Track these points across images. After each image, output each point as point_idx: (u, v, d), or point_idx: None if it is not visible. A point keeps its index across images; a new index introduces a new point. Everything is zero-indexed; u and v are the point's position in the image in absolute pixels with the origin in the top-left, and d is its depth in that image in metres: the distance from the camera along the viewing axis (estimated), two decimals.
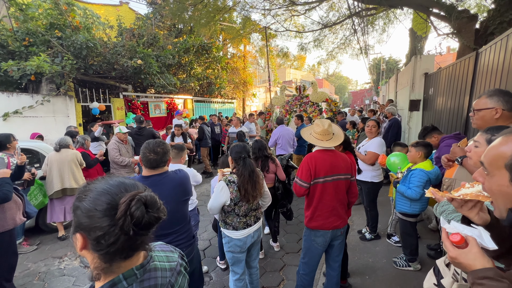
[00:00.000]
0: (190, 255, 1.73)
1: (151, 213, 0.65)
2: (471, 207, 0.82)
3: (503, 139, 0.68)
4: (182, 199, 1.70)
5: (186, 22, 9.42)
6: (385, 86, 14.93)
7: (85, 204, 0.63)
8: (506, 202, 0.67)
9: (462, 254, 0.69)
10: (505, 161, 0.65)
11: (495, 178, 0.68)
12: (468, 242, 0.70)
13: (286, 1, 7.49)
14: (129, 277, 0.67)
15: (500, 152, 0.67)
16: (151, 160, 1.59)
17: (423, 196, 2.50)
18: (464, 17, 4.62)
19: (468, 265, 0.68)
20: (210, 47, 10.64)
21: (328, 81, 47.61)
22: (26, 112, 5.64)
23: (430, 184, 2.50)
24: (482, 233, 0.71)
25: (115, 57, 7.17)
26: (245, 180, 1.93)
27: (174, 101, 9.69)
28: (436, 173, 2.51)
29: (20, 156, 2.57)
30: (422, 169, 2.50)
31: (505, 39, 2.47)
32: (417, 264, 2.73)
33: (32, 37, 6.10)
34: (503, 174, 0.66)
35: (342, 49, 10.02)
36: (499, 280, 0.62)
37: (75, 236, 0.64)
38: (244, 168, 1.97)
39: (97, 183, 0.68)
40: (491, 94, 1.56)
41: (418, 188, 2.47)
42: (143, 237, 0.67)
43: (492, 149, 0.70)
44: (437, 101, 4.64)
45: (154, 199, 0.67)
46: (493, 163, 0.68)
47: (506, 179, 0.65)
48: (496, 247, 0.69)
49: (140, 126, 5.26)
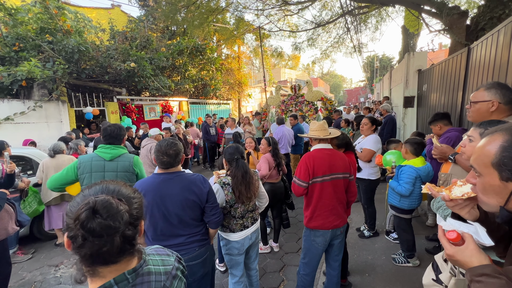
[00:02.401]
0: (203, 256, 1.69)
1: (98, 219, 0.60)
2: (463, 206, 0.83)
3: (487, 139, 0.70)
4: (190, 200, 1.62)
5: (179, 24, 9.37)
6: (379, 83, 15.05)
7: (69, 204, 0.66)
8: (499, 200, 0.68)
9: (459, 251, 0.69)
10: (491, 159, 0.67)
11: (486, 178, 0.69)
12: (464, 239, 0.70)
13: (279, 1, 7.50)
14: (120, 282, 0.67)
15: (485, 152, 0.69)
16: (165, 162, 1.63)
17: (413, 193, 2.54)
18: (455, 13, 4.67)
19: (465, 262, 0.68)
20: (204, 49, 10.60)
21: (323, 80, 47.84)
22: (18, 118, 5.55)
23: (420, 181, 2.54)
24: (478, 229, 0.71)
25: (108, 61, 7.09)
26: (239, 182, 1.92)
27: (169, 104, 9.63)
28: (426, 170, 2.53)
29: (9, 164, 2.52)
30: (412, 166, 2.53)
31: (496, 34, 2.49)
32: (416, 260, 2.74)
33: (22, 42, 6.01)
34: (492, 173, 0.67)
35: (336, 47, 10.08)
36: (497, 277, 0.62)
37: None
38: (237, 169, 1.95)
39: (90, 186, 0.71)
40: (489, 87, 1.55)
41: (407, 184, 2.51)
42: (115, 243, 0.62)
43: (478, 150, 0.72)
44: (431, 97, 4.68)
45: (106, 204, 0.62)
46: (481, 164, 0.70)
47: (496, 178, 0.67)
48: (492, 243, 0.69)
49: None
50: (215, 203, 1.72)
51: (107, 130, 2.24)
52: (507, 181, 0.65)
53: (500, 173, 0.66)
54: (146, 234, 1.64)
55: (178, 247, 1.61)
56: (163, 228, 1.59)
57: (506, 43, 2.30)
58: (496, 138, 0.67)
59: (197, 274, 1.67)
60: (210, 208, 1.69)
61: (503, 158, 0.64)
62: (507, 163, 0.64)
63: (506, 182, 0.65)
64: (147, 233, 1.63)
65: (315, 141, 2.14)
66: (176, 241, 1.61)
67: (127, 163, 2.24)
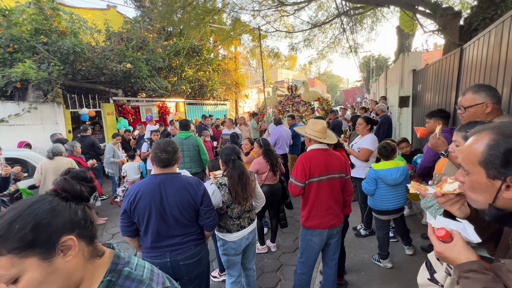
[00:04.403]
0: (199, 255, 1.71)
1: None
2: (453, 202, 0.84)
3: (474, 139, 0.71)
4: (186, 201, 1.63)
5: (176, 25, 9.33)
6: (375, 83, 15.16)
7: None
8: (487, 198, 0.69)
9: (447, 248, 0.71)
10: (478, 158, 0.68)
11: (474, 176, 0.71)
12: (453, 236, 0.72)
13: (275, 1, 7.52)
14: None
15: (473, 150, 0.70)
16: (163, 160, 1.65)
17: (376, 194, 2.73)
18: (448, 14, 4.73)
19: (453, 258, 0.70)
20: (201, 49, 10.59)
21: (319, 80, 48.02)
22: (12, 120, 5.49)
23: (382, 183, 2.68)
24: (466, 226, 0.73)
25: (104, 62, 7.05)
26: (235, 182, 1.94)
27: (165, 105, 9.60)
28: (384, 173, 2.64)
29: (5, 168, 2.50)
30: (372, 167, 2.72)
31: (487, 35, 2.54)
32: (387, 263, 2.78)
33: (16, 43, 5.95)
34: (480, 171, 0.69)
35: (332, 48, 10.12)
36: (484, 273, 0.64)
37: None
38: (234, 170, 1.97)
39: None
40: (477, 90, 1.58)
41: (366, 184, 2.78)
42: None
43: (465, 149, 0.73)
44: (426, 97, 4.73)
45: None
46: (468, 162, 0.72)
47: (483, 176, 0.68)
48: (480, 240, 0.71)
49: (83, 135, 5.50)
50: (209, 206, 1.73)
51: (182, 122, 4.12)
52: (494, 179, 0.66)
53: (487, 171, 0.67)
54: (143, 235, 1.64)
55: (174, 247, 1.62)
56: (160, 228, 1.60)
57: (497, 44, 2.34)
58: (483, 137, 0.69)
59: (193, 273, 1.68)
60: (205, 211, 1.70)
61: (489, 156, 0.66)
62: (494, 161, 0.65)
63: (493, 180, 0.67)
64: (144, 234, 1.64)
65: (311, 141, 2.16)
66: (172, 241, 1.63)
67: (194, 141, 3.94)
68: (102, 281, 0.66)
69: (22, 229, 0.55)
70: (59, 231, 0.60)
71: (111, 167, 5.21)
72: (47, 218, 0.59)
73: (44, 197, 0.64)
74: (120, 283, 0.67)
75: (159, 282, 0.74)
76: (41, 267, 0.57)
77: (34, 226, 0.57)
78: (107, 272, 0.67)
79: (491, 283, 0.62)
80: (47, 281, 0.58)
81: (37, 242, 0.56)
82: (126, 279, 0.68)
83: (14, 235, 0.55)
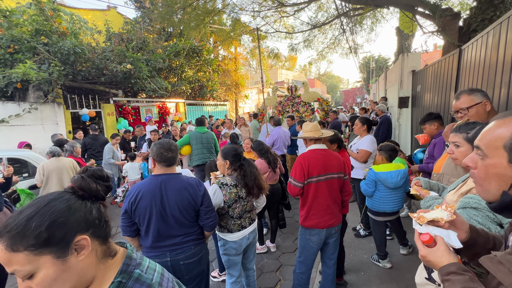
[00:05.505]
0: (199, 254, 1.72)
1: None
2: None
3: (499, 122, 0.70)
4: (186, 202, 1.64)
5: (176, 26, 9.35)
6: (375, 84, 15.18)
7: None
8: (501, 184, 0.69)
9: (431, 252, 0.74)
10: (503, 142, 0.67)
11: (492, 160, 0.70)
12: (436, 241, 0.74)
13: (275, 2, 7.54)
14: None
15: (498, 134, 0.69)
16: (169, 158, 1.67)
17: (375, 195, 2.73)
18: (447, 15, 4.74)
19: (436, 262, 0.72)
20: (201, 50, 10.61)
21: (319, 80, 48.05)
22: (13, 120, 5.51)
23: (381, 185, 2.67)
24: (449, 233, 0.76)
25: (104, 62, 7.08)
26: (253, 177, 2.01)
27: (166, 105, 9.61)
28: (384, 176, 2.63)
29: (7, 168, 2.52)
30: (372, 169, 2.71)
31: (485, 36, 2.55)
32: (387, 263, 2.79)
33: (17, 44, 5.98)
34: (501, 155, 0.68)
35: (332, 48, 10.13)
36: (462, 274, 0.67)
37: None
38: (249, 166, 2.03)
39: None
40: (471, 92, 1.62)
41: (365, 185, 2.78)
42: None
43: (489, 131, 0.72)
44: (425, 98, 4.75)
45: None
46: (490, 146, 0.70)
47: (504, 160, 0.67)
48: (461, 246, 0.74)
49: (95, 134, 5.59)
50: (210, 207, 1.74)
51: (198, 119, 4.74)
52: None
53: (510, 156, 0.66)
54: (144, 235, 1.66)
55: (175, 247, 1.64)
56: (160, 228, 1.61)
57: (495, 45, 2.36)
58: (511, 121, 0.68)
59: (193, 272, 1.69)
60: (205, 211, 1.71)
61: None
62: None
63: None
64: (145, 234, 1.65)
65: (310, 141, 2.18)
66: (172, 241, 1.64)
67: (210, 135, 4.70)
68: (112, 281, 0.66)
69: (38, 227, 0.57)
70: (73, 230, 0.61)
71: (110, 168, 5.23)
72: (63, 217, 0.60)
73: (62, 194, 0.66)
74: (130, 285, 0.67)
75: (168, 287, 0.74)
76: (55, 265, 0.58)
77: (50, 224, 0.58)
78: (118, 273, 0.68)
79: (469, 282, 0.65)
80: (60, 279, 0.59)
81: (52, 240, 0.58)
82: (136, 282, 0.68)
83: (31, 232, 0.56)
